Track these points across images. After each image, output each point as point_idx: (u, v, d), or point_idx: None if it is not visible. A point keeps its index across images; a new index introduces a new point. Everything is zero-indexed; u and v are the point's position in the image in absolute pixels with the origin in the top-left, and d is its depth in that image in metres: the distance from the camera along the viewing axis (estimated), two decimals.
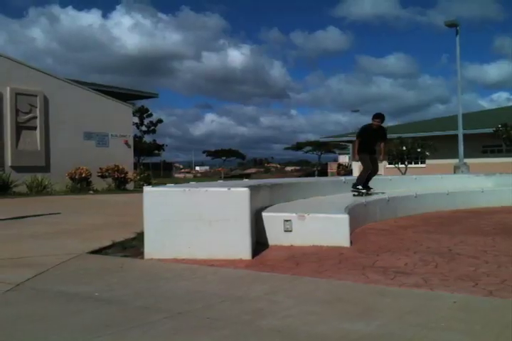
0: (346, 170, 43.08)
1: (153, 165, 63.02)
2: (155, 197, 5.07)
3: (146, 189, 5.14)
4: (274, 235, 5.74)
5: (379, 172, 10.02)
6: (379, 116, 9.06)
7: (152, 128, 52.29)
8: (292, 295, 3.55)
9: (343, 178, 10.53)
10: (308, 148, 67.58)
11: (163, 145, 56.23)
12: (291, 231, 5.73)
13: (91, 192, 17.91)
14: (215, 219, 4.95)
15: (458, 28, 21.55)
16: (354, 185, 8.97)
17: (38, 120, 18.46)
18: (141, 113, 46.12)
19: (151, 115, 51.76)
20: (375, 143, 9.33)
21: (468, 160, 22.10)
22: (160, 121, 53.71)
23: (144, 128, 51.57)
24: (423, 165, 31.02)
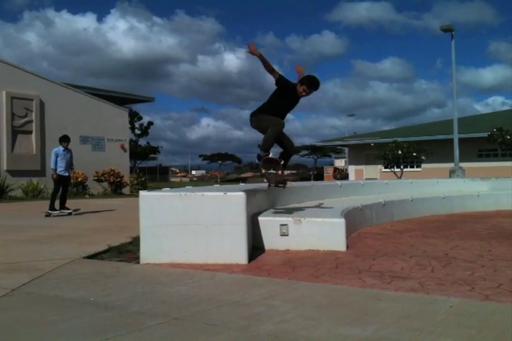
0: (342, 174, 43.11)
1: (150, 169, 63.00)
2: (151, 201, 5.06)
3: (142, 193, 5.13)
4: (271, 239, 5.74)
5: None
6: (312, 84, 5.86)
7: (145, 130, 52.18)
8: (289, 299, 3.55)
9: (339, 182, 10.54)
10: (305, 152, 67.57)
11: (158, 147, 56.04)
12: (287, 235, 5.73)
13: (87, 196, 17.87)
14: (212, 224, 4.94)
15: (453, 32, 21.66)
16: (261, 145, 5.89)
17: (33, 124, 18.45)
18: (131, 117, 46.11)
19: (141, 118, 51.70)
20: (286, 114, 6.16)
21: (463, 164, 22.16)
22: (151, 123, 53.55)
23: (136, 131, 51.53)
24: (419, 169, 31.11)
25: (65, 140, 10.53)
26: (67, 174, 10.45)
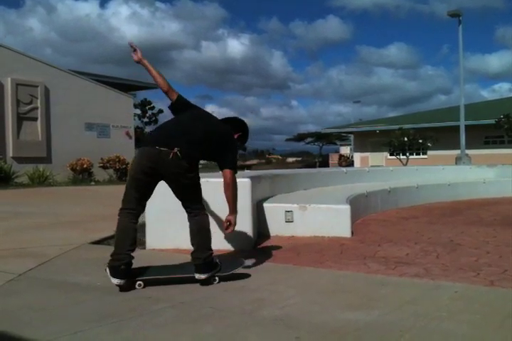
0: (347, 162, 43.02)
1: None
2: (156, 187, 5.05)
3: None
4: (276, 226, 5.74)
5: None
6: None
7: (154, 118, 51.86)
8: (293, 285, 3.56)
9: (344, 169, 10.52)
10: (310, 139, 67.21)
11: None
12: (292, 221, 5.73)
13: (92, 183, 17.93)
14: (216, 210, 4.94)
15: (461, 17, 21.39)
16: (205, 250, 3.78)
17: (39, 111, 18.44)
18: (143, 106, 45.99)
19: (153, 108, 51.32)
20: None
21: (470, 152, 22.06)
22: (161, 111, 53.29)
23: (146, 119, 51.29)
24: (424, 156, 30.99)
25: None
26: None
